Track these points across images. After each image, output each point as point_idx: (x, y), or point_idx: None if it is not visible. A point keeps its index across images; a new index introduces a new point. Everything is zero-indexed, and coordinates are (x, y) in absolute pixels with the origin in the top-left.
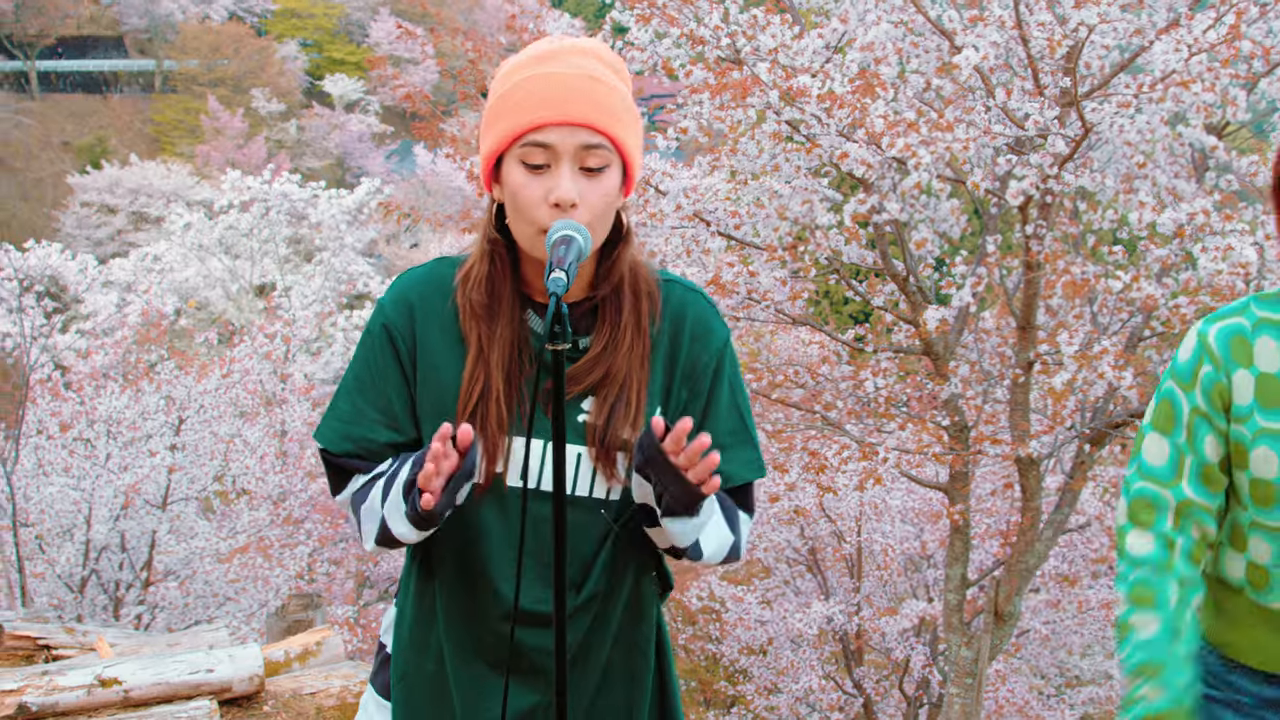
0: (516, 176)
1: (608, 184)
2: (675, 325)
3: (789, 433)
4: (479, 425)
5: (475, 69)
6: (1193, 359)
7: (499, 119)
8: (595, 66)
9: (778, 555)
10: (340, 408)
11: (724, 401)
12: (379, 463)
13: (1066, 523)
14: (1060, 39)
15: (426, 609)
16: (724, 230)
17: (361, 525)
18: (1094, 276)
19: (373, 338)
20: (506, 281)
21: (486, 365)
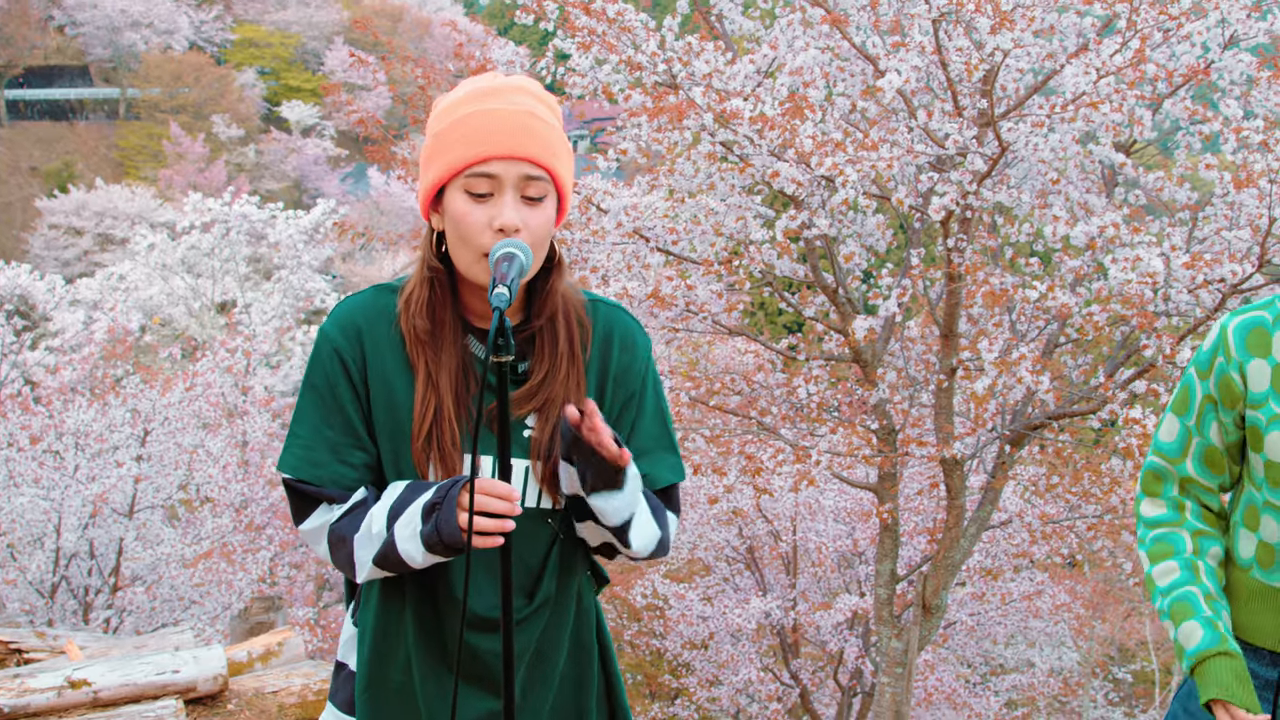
0: (460, 204)
1: (546, 213)
2: (604, 342)
3: (726, 437)
4: (435, 445)
5: (425, 95)
6: (1210, 350)
7: (444, 150)
8: (533, 104)
9: (717, 554)
10: (303, 436)
11: (650, 409)
12: (349, 487)
13: (989, 520)
14: (977, 63)
15: (393, 622)
16: (663, 246)
17: (355, 553)
18: (1012, 287)
19: (322, 364)
20: (448, 307)
21: (436, 389)
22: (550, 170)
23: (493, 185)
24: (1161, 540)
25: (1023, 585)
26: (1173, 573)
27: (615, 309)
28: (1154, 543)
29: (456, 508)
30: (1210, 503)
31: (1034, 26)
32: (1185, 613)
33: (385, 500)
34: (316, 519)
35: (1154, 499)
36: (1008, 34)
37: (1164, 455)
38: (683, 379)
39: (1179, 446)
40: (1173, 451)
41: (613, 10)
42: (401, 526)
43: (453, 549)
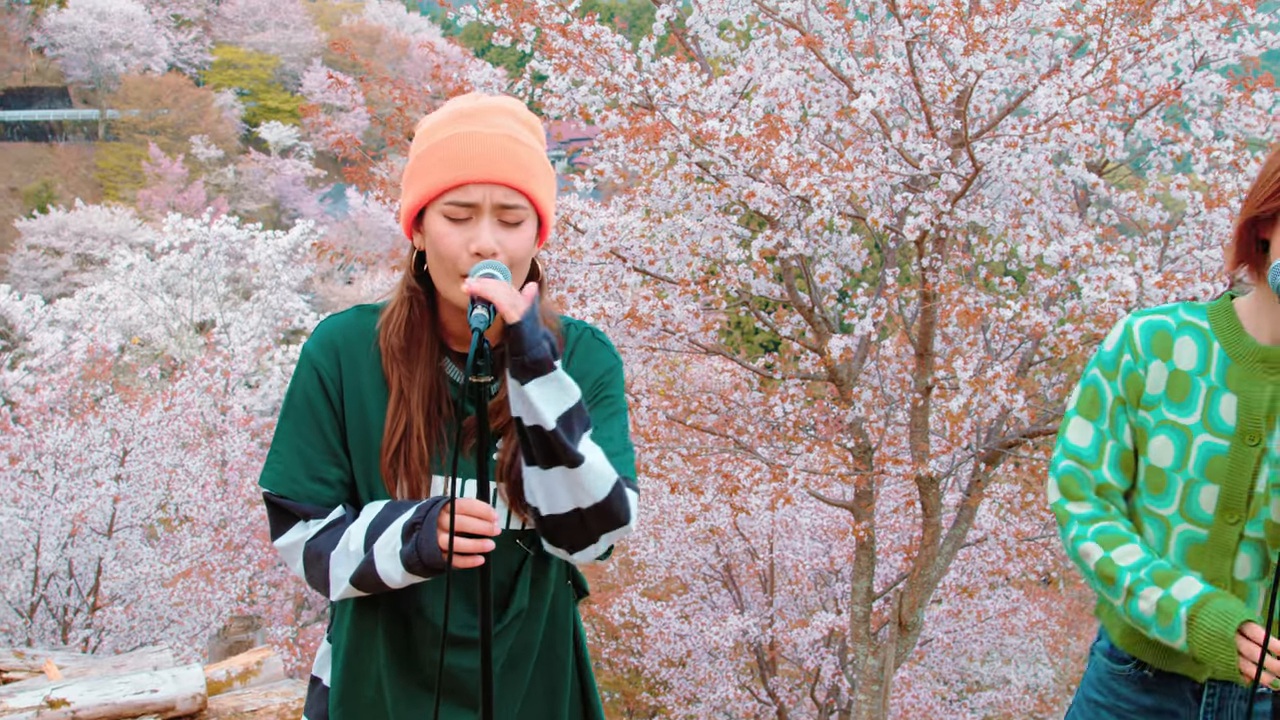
0: (439, 226)
1: (524, 235)
2: (573, 362)
3: (703, 456)
4: (402, 462)
5: (403, 116)
6: (1116, 349)
7: (424, 173)
8: (514, 126)
9: (695, 572)
10: (283, 452)
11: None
12: (327, 504)
13: (965, 537)
14: (951, 84)
15: (366, 638)
16: (640, 266)
17: (331, 570)
18: (986, 306)
19: (302, 382)
20: (425, 327)
21: (408, 406)
22: (527, 194)
23: (471, 209)
24: (1106, 531)
25: (998, 602)
26: (1135, 552)
27: (588, 331)
28: (1099, 534)
29: (437, 528)
30: (1123, 508)
31: (1007, 48)
32: (1172, 574)
33: (363, 519)
34: (293, 535)
35: (1078, 501)
36: (981, 55)
37: (1079, 459)
38: (660, 398)
39: (1094, 451)
40: (1088, 456)
41: (589, 32)
42: (381, 546)
43: (432, 569)
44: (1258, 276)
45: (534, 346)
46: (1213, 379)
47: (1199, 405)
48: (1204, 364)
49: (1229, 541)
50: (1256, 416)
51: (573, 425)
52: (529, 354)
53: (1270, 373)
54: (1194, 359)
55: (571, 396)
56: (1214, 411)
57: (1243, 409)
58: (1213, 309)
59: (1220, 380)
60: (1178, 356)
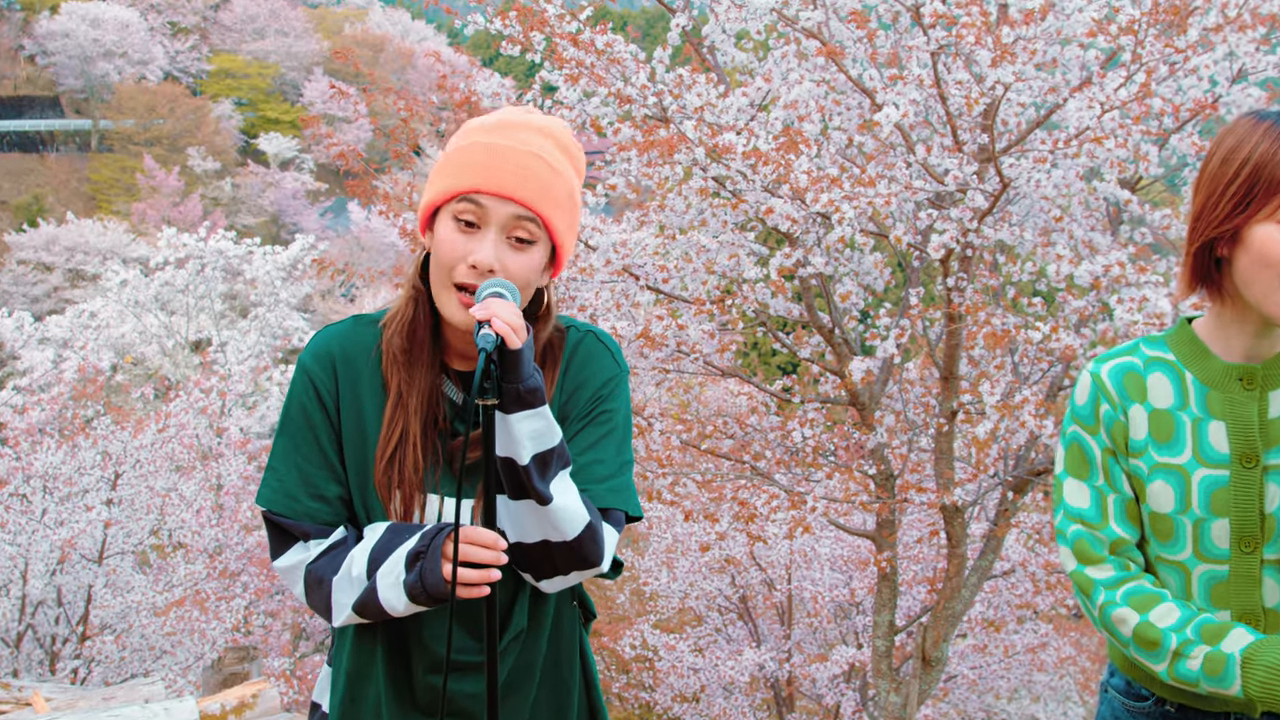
0: (445, 230)
1: (532, 259)
2: (570, 369)
3: (719, 482)
4: (396, 470)
5: (407, 127)
6: (1090, 400)
7: (444, 173)
8: (546, 147)
9: (709, 603)
10: (280, 469)
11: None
12: (328, 523)
13: (991, 569)
14: (977, 97)
15: (365, 663)
16: (653, 284)
17: (334, 595)
18: (1014, 327)
19: (298, 395)
20: (427, 330)
21: (405, 411)
22: (541, 216)
23: (480, 218)
24: (1136, 593)
25: (1026, 637)
26: (1173, 611)
27: (590, 334)
28: (1129, 596)
29: (441, 557)
30: (1141, 560)
31: (1036, 59)
32: (1222, 629)
33: (366, 542)
34: (292, 556)
35: (1097, 565)
36: (1009, 67)
37: (1086, 522)
38: (674, 421)
39: (1097, 511)
40: (1093, 517)
41: (601, 41)
42: (384, 574)
43: (436, 599)
44: (1219, 295)
45: (529, 377)
46: (1194, 410)
47: (1187, 441)
48: (1181, 398)
49: (1251, 571)
50: (1250, 437)
51: (548, 465)
52: (524, 383)
53: (1250, 388)
54: (1170, 394)
55: (553, 438)
56: (1204, 443)
57: (1234, 433)
58: (1173, 338)
59: (1202, 409)
60: (1153, 395)
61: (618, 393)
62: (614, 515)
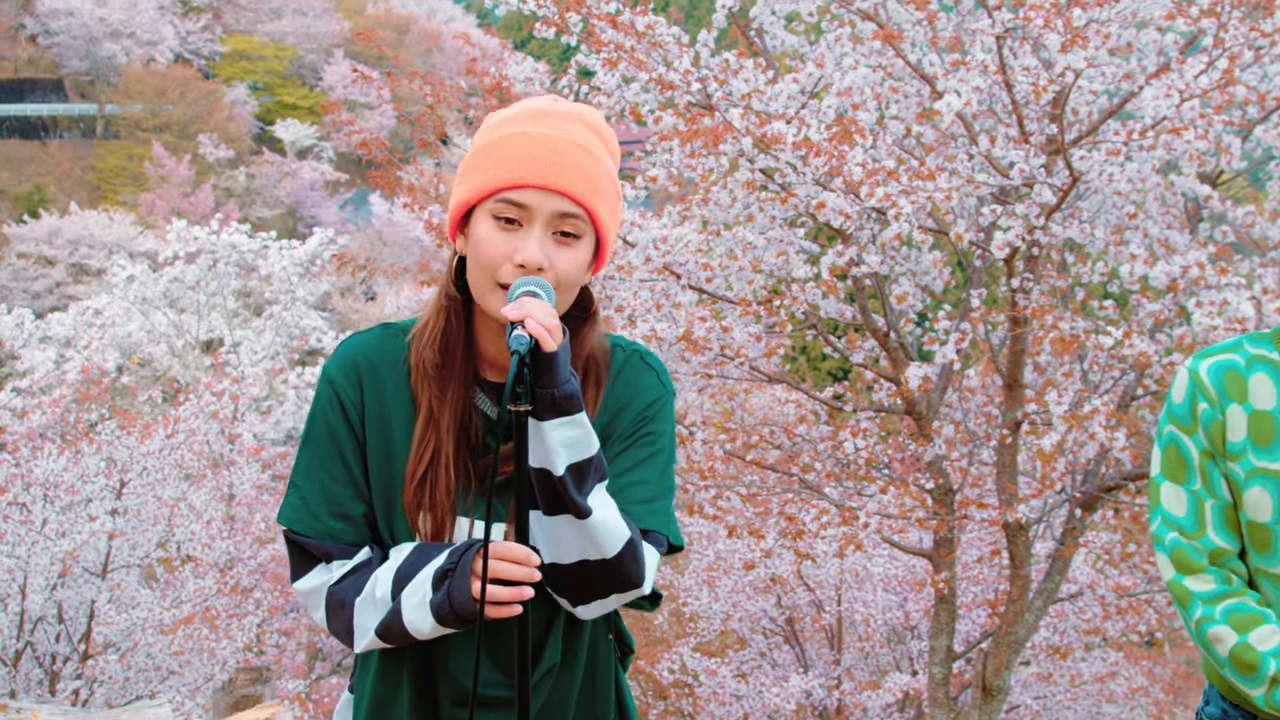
0: (485, 229)
1: (580, 253)
2: (615, 387)
3: (764, 496)
4: (427, 493)
5: (434, 115)
6: (1188, 398)
7: (477, 170)
8: (584, 134)
9: (753, 625)
10: (302, 486)
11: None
12: (352, 543)
13: (1057, 591)
14: (1046, 84)
15: (390, 692)
16: (695, 283)
17: (355, 619)
18: (1084, 332)
19: (322, 407)
20: (460, 342)
21: (437, 429)
22: (588, 208)
23: (522, 215)
24: (1237, 610)
25: (1094, 666)
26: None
27: (636, 353)
28: (1229, 614)
29: (471, 575)
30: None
31: (1109, 44)
32: None
33: (391, 563)
34: (314, 578)
35: (1197, 576)
36: (1080, 52)
37: (1181, 530)
38: (716, 431)
39: (1193, 519)
40: (1189, 525)
41: (642, 23)
42: (409, 594)
43: (465, 620)
44: None
45: (565, 382)
46: None
47: None
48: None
49: None
50: None
51: (585, 476)
52: (559, 389)
53: None
54: (1273, 395)
55: (590, 448)
56: None
57: None
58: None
59: None
60: (1254, 396)
61: (663, 415)
62: (654, 537)
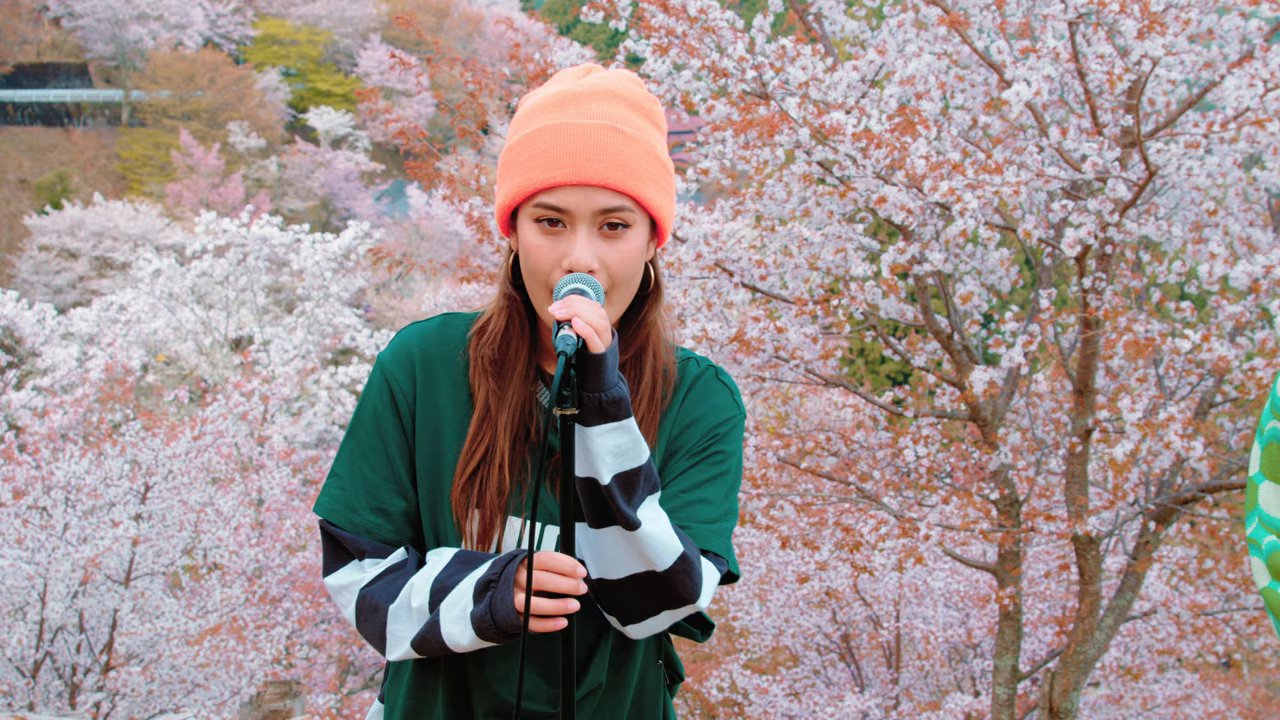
0: (530, 236)
1: (631, 244)
2: (686, 402)
3: (819, 506)
4: (476, 490)
5: (475, 102)
6: None
7: (512, 170)
8: (619, 112)
9: (807, 642)
10: (343, 476)
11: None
12: (386, 541)
13: (1129, 609)
14: (1121, 73)
15: (425, 703)
16: (748, 281)
17: (389, 626)
18: (1159, 335)
19: (372, 397)
20: (523, 341)
21: (493, 427)
22: (631, 194)
23: (564, 216)
24: None
25: (1168, 688)
26: None
27: (711, 369)
28: None
29: (514, 587)
30: None
31: (1189, 30)
32: None
33: (429, 570)
34: (346, 575)
35: None
36: (1158, 39)
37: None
38: (770, 436)
39: None
40: None
41: (694, 7)
42: (448, 606)
43: (507, 633)
44: None
45: (613, 386)
46: None
47: None
48: None
49: None
50: None
51: (633, 486)
52: (606, 392)
53: None
54: None
55: (639, 456)
56: None
57: None
58: None
59: None
60: None
61: (733, 435)
62: (713, 558)
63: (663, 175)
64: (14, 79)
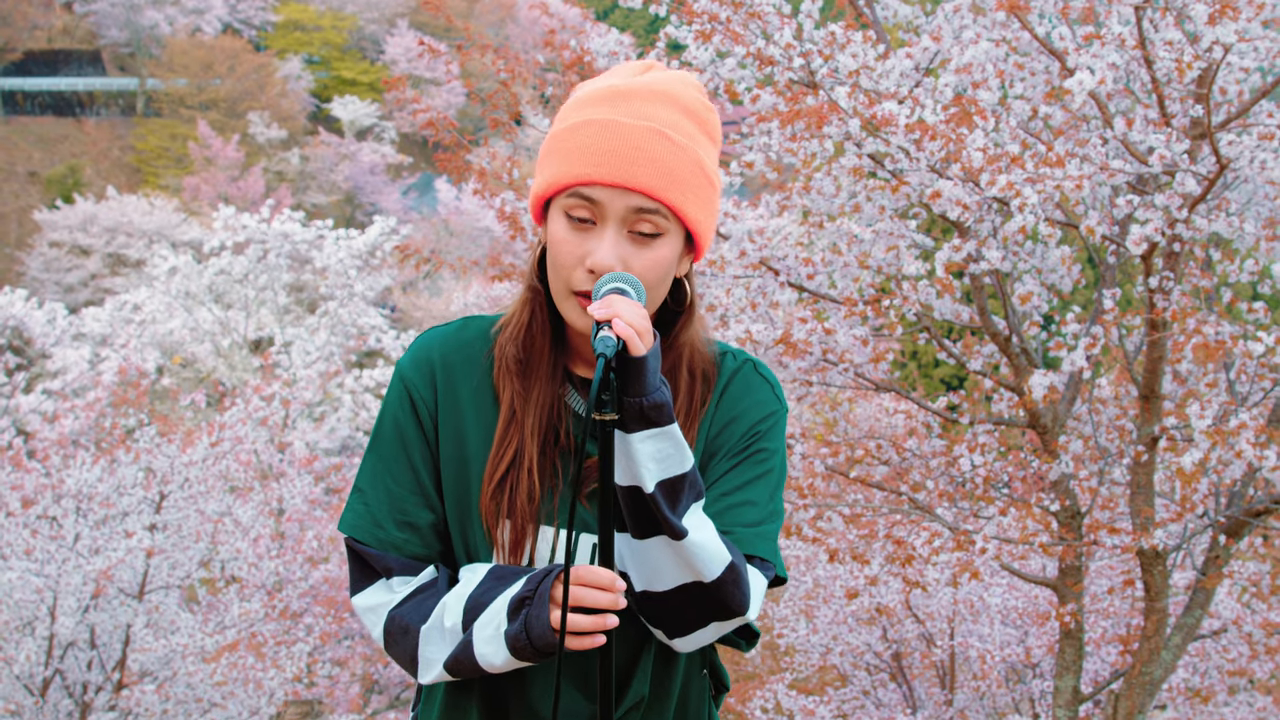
0: (558, 229)
1: (660, 253)
2: (724, 399)
3: (869, 517)
4: (506, 497)
5: (507, 92)
6: None
7: (551, 160)
8: (670, 116)
9: (856, 660)
10: (367, 491)
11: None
12: (416, 557)
13: (1198, 628)
14: (1191, 60)
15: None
16: (795, 281)
17: (421, 649)
18: (1230, 338)
19: (392, 406)
20: (546, 337)
21: (521, 429)
22: (669, 204)
23: (595, 213)
24: None
25: (1240, 711)
26: None
27: (749, 363)
28: None
29: (550, 603)
30: None
31: (1263, 15)
32: None
33: (461, 588)
34: (374, 595)
35: None
36: (1230, 24)
37: None
38: (817, 444)
39: None
40: None
41: None
42: (482, 625)
43: (543, 653)
44: None
45: (655, 390)
46: None
47: None
48: None
49: None
50: None
51: (678, 494)
52: (648, 397)
53: None
54: None
55: (683, 463)
56: None
57: None
58: None
59: None
60: None
61: (776, 432)
62: (761, 564)
63: (705, 188)
64: (24, 66)
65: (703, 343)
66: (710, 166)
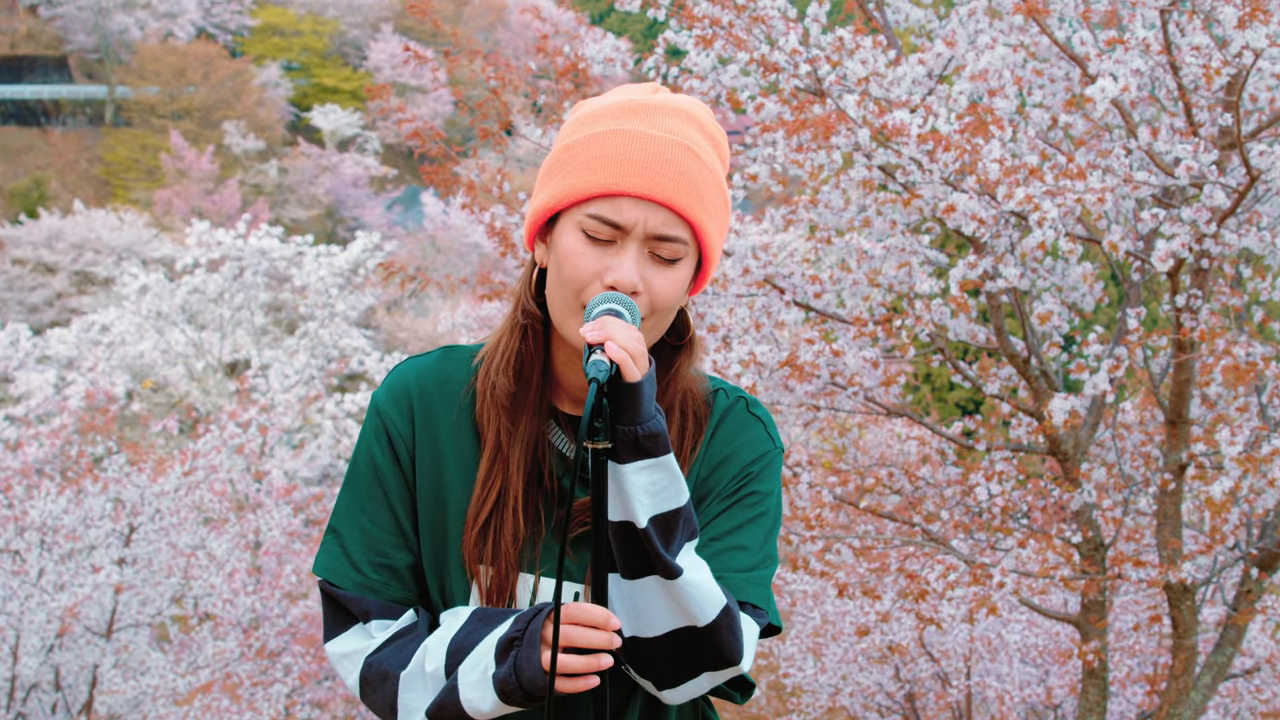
0: (571, 241)
1: (677, 278)
2: (715, 439)
3: (881, 550)
4: (490, 539)
5: (498, 100)
6: None
7: (565, 170)
8: (692, 133)
9: (866, 702)
10: (341, 531)
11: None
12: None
13: (1229, 666)
14: (1219, 66)
15: None
16: (801, 299)
17: (400, 695)
18: (1262, 359)
19: (367, 442)
20: (537, 367)
21: (505, 466)
22: (694, 223)
23: (616, 232)
24: None
25: None
26: None
27: (741, 401)
28: None
29: (541, 644)
30: None
31: None
32: None
33: (444, 631)
34: (350, 641)
35: None
36: (1260, 28)
37: None
38: (825, 472)
39: None
40: None
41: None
42: (467, 669)
43: (533, 697)
44: None
45: (650, 419)
46: None
47: None
48: None
49: None
50: None
51: (672, 531)
52: (643, 425)
53: None
54: None
55: (678, 497)
56: None
57: None
58: None
59: None
60: None
61: (769, 474)
62: (753, 611)
63: (723, 212)
64: None
65: (697, 380)
66: (727, 193)
